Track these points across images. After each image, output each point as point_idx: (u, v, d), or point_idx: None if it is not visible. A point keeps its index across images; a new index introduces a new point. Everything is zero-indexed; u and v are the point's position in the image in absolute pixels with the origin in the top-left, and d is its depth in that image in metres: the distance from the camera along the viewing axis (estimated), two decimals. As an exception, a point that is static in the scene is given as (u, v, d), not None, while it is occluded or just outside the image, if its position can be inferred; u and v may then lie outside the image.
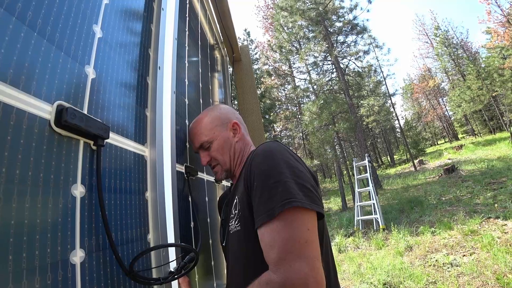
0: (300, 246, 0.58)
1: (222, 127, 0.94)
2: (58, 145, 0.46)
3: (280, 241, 0.59)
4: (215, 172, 0.97)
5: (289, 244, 0.58)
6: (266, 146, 0.74)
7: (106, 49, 0.64)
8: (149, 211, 0.73)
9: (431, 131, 43.02)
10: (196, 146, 0.96)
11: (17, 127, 0.39)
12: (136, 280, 0.58)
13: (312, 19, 14.16)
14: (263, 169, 0.68)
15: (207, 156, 0.95)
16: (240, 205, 0.75)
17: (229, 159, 0.93)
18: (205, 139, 0.93)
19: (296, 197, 0.61)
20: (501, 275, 3.14)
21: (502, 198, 5.88)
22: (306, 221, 0.61)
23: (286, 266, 0.56)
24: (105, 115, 0.61)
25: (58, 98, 0.47)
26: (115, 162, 0.62)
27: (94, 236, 0.52)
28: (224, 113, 0.98)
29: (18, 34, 0.41)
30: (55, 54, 0.48)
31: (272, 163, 0.68)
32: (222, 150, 0.92)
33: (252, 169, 0.71)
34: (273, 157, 0.70)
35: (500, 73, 21.41)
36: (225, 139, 0.93)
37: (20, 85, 0.40)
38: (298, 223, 0.60)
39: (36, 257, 0.40)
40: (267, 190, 0.64)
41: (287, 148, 0.76)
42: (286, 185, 0.63)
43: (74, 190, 0.49)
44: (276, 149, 0.72)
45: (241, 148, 0.96)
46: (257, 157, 0.72)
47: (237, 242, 0.76)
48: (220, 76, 2.27)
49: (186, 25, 1.43)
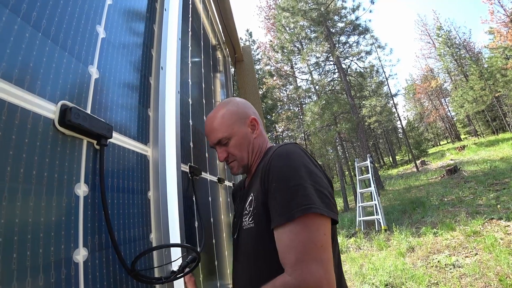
0: (317, 250, 0.60)
1: (241, 123, 0.92)
2: (62, 144, 0.47)
3: (298, 244, 0.61)
4: (231, 167, 0.95)
5: (307, 247, 0.60)
6: (287, 149, 0.75)
7: (109, 49, 0.65)
8: (151, 210, 0.74)
9: (434, 131, 42.86)
10: (213, 141, 0.93)
11: (22, 126, 0.40)
12: (138, 279, 0.58)
13: (314, 19, 14.15)
14: (282, 171, 0.70)
15: (224, 152, 0.92)
16: (255, 203, 0.76)
17: (247, 155, 0.91)
18: (223, 135, 0.90)
19: (315, 204, 0.63)
20: (504, 276, 3.12)
21: (505, 199, 5.84)
22: (323, 227, 0.63)
23: (302, 268, 0.59)
24: (108, 114, 0.61)
25: (62, 98, 0.48)
26: (118, 162, 0.63)
27: (97, 235, 0.52)
28: (242, 108, 0.95)
29: (23, 35, 0.41)
30: (59, 54, 0.48)
31: (291, 166, 0.70)
32: (240, 147, 0.90)
33: (271, 170, 0.72)
34: (293, 160, 0.71)
35: (503, 73, 21.30)
36: (243, 136, 0.91)
37: (25, 85, 0.41)
38: (316, 228, 0.62)
39: (40, 256, 0.40)
40: (286, 192, 0.66)
41: (306, 151, 0.77)
42: (306, 190, 0.65)
43: (78, 189, 0.49)
44: (296, 153, 0.73)
45: (259, 144, 0.94)
46: (277, 159, 0.73)
47: (249, 238, 0.78)
48: (222, 77, 2.27)
49: (189, 26, 1.44)
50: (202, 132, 1.42)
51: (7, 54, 0.38)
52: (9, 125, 0.37)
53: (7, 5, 0.39)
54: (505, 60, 21.00)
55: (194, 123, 1.28)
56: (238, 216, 0.92)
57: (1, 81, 0.37)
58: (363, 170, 13.62)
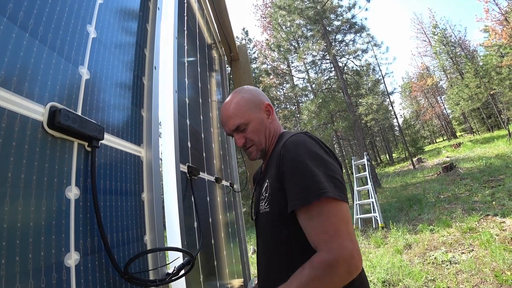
0: (342, 226, 0.68)
1: (256, 108, 0.96)
2: (51, 146, 0.46)
3: (324, 225, 0.68)
4: (249, 152, 0.99)
5: (334, 226, 0.68)
6: (299, 137, 0.80)
7: (100, 49, 0.64)
8: (145, 212, 0.73)
9: (430, 129, 43.11)
10: (230, 128, 0.96)
11: (9, 129, 0.39)
12: (131, 282, 0.58)
13: (310, 18, 14.14)
14: (296, 158, 0.75)
15: (242, 137, 0.96)
16: (271, 189, 0.82)
17: (264, 139, 0.96)
18: (241, 121, 0.93)
19: (328, 189, 0.68)
20: (500, 272, 3.15)
21: (500, 195, 5.89)
22: (340, 206, 0.70)
23: (334, 244, 0.66)
24: (100, 116, 0.60)
25: (51, 100, 0.47)
26: (110, 164, 0.62)
27: (89, 238, 0.52)
28: (256, 95, 0.99)
29: (9, 35, 0.40)
30: (48, 55, 0.47)
31: (305, 153, 0.75)
32: (258, 132, 0.95)
33: (285, 158, 0.77)
34: (305, 147, 0.76)
35: (498, 71, 21.44)
36: (260, 121, 0.95)
37: (11, 86, 0.40)
38: (335, 208, 0.69)
39: (29, 260, 0.39)
40: (301, 178, 0.71)
41: (317, 139, 0.82)
42: (320, 176, 0.70)
43: (68, 192, 0.48)
44: (308, 141, 0.79)
45: (275, 129, 1.00)
46: (290, 146, 0.78)
47: (266, 221, 0.86)
48: (218, 76, 2.26)
49: (184, 25, 1.43)
50: (199, 132, 1.41)
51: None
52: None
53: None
54: (500, 58, 21.13)
55: (191, 123, 1.28)
56: (256, 200, 0.99)
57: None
58: (360, 168, 13.68)
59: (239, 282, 1.80)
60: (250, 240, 9.20)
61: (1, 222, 0.36)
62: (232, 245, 1.82)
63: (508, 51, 19.92)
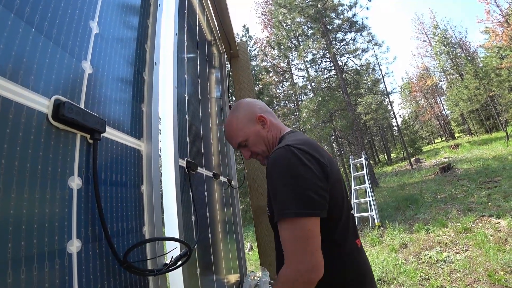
0: (302, 243, 0.73)
1: (251, 123, 1.04)
2: (55, 138, 0.48)
3: (287, 241, 0.75)
4: (259, 160, 1.09)
5: (293, 243, 0.74)
6: (277, 154, 0.83)
7: (102, 44, 0.65)
8: (144, 204, 0.75)
9: (428, 129, 43.21)
10: (235, 146, 1.08)
11: (16, 120, 0.40)
12: (130, 271, 0.60)
13: (311, 16, 14.12)
14: (270, 177, 0.82)
15: (247, 151, 1.06)
16: (268, 196, 0.90)
17: (266, 148, 1.04)
18: (241, 139, 1.03)
19: (289, 208, 0.74)
20: (493, 272, 3.19)
21: (496, 197, 5.94)
22: (301, 224, 0.74)
23: (293, 260, 0.73)
24: (102, 109, 0.62)
25: (56, 93, 0.49)
26: (111, 156, 0.64)
27: (90, 227, 0.54)
28: (248, 110, 1.06)
29: (16, 30, 0.42)
30: (53, 49, 0.49)
31: (278, 172, 0.80)
32: (258, 143, 1.03)
33: (267, 172, 0.84)
34: (280, 166, 0.80)
35: (497, 73, 21.49)
36: (256, 134, 1.03)
37: (18, 79, 0.41)
38: (296, 226, 0.74)
39: (34, 246, 0.41)
40: (274, 196, 0.79)
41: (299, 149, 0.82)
42: (285, 195, 0.76)
43: (71, 182, 0.50)
44: (284, 157, 0.81)
45: (273, 135, 1.05)
46: (270, 163, 0.84)
47: (270, 223, 0.96)
48: (217, 73, 2.27)
49: (185, 21, 1.44)
50: (198, 128, 1.43)
51: (1, 49, 0.39)
52: (3, 120, 0.38)
53: (0, 1, 0.40)
54: (500, 60, 21.18)
55: (190, 119, 1.29)
56: None
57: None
58: (358, 167, 13.71)
59: (236, 278, 1.82)
60: (247, 237, 9.24)
61: (8, 208, 0.38)
62: (229, 241, 1.84)
63: (508, 53, 19.95)
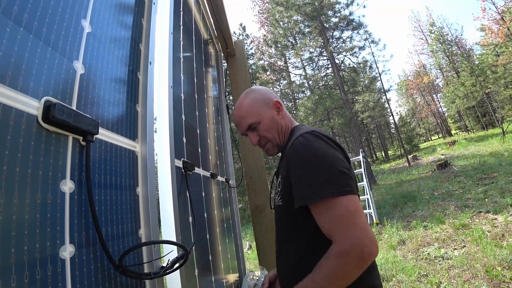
0: (351, 217, 0.71)
1: (266, 107, 1.00)
2: (46, 141, 0.46)
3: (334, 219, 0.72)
4: (266, 149, 1.04)
5: (343, 219, 0.71)
6: (305, 139, 0.82)
7: (95, 44, 0.64)
8: (140, 206, 0.74)
9: (425, 127, 43.43)
10: (244, 128, 1.01)
11: (4, 123, 0.39)
12: (126, 275, 0.59)
13: (307, 14, 14.10)
14: (302, 160, 0.79)
15: (256, 136, 1.01)
16: (282, 184, 0.87)
17: (277, 135, 1.00)
18: (252, 120, 0.98)
19: (332, 188, 0.72)
20: (490, 267, 3.21)
21: (493, 193, 5.97)
22: (346, 201, 0.73)
23: (345, 236, 0.70)
24: (95, 110, 0.61)
25: (46, 94, 0.47)
26: (105, 158, 0.62)
27: (84, 231, 0.52)
28: (264, 94, 1.03)
29: (4, 30, 0.40)
30: (43, 49, 0.47)
31: (310, 155, 0.78)
32: (270, 129, 0.99)
33: (293, 157, 0.81)
34: (311, 149, 0.79)
35: (493, 70, 21.60)
36: (271, 118, 0.99)
37: (6, 81, 0.40)
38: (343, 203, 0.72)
39: (24, 252, 0.40)
40: (308, 178, 0.75)
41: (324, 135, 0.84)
42: (325, 176, 0.74)
43: (63, 186, 0.49)
44: (313, 141, 0.81)
45: (286, 124, 1.03)
46: (297, 147, 0.81)
47: (279, 213, 0.93)
48: (214, 71, 2.26)
49: (180, 20, 1.42)
50: (194, 127, 1.41)
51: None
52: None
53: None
54: (496, 57, 21.28)
55: (186, 118, 1.28)
56: (273, 192, 1.05)
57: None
58: (355, 164, 13.74)
59: (234, 277, 1.81)
60: (245, 236, 9.24)
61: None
62: (228, 241, 1.83)
63: (504, 50, 20.06)
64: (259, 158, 2.26)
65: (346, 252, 0.68)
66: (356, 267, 0.69)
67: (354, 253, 0.68)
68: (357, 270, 0.70)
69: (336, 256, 0.70)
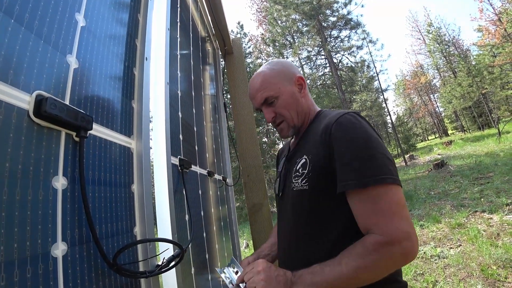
0: (400, 209, 0.65)
1: (287, 81, 0.89)
2: (37, 136, 0.45)
3: (383, 207, 0.65)
4: (280, 129, 0.93)
5: (392, 208, 0.65)
6: (353, 117, 0.75)
7: (89, 38, 0.62)
8: (135, 204, 0.73)
9: (422, 126, 43.64)
10: (258, 101, 0.90)
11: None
12: (120, 273, 0.58)
13: (306, 13, 14.09)
14: (353, 139, 0.71)
15: (271, 112, 0.89)
16: (311, 166, 0.77)
17: (296, 115, 0.89)
18: (269, 94, 0.87)
19: (387, 174, 0.67)
20: (486, 266, 3.23)
21: (489, 192, 6.02)
22: (397, 191, 0.67)
23: (391, 226, 0.63)
24: (89, 106, 0.59)
25: (38, 88, 0.46)
26: (99, 154, 0.61)
27: (77, 229, 0.51)
28: (287, 67, 0.92)
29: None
30: (34, 42, 0.46)
31: (360, 135, 0.71)
32: (288, 106, 0.88)
33: (340, 136, 0.72)
34: (360, 129, 0.72)
35: (490, 70, 21.73)
36: (291, 94, 0.88)
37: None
38: (393, 193, 0.67)
39: (15, 251, 0.39)
40: (359, 160, 0.68)
41: (367, 121, 0.78)
42: (379, 160, 0.68)
43: (55, 182, 0.48)
44: (362, 122, 0.75)
45: (308, 105, 0.92)
46: (346, 125, 0.73)
47: (301, 199, 0.80)
48: (211, 69, 2.24)
49: (177, 16, 1.41)
50: (191, 125, 1.40)
51: (-25, 40, 0.36)
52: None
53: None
54: (493, 58, 21.40)
55: (183, 116, 1.27)
56: (283, 176, 0.93)
57: (-31, 69, 0.35)
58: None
59: (231, 276, 1.81)
60: (242, 234, 9.24)
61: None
62: (225, 239, 1.82)
63: (501, 51, 20.18)
64: (257, 157, 2.25)
65: (390, 244, 0.62)
66: (395, 263, 0.64)
67: (399, 247, 0.62)
68: (395, 266, 0.65)
69: (377, 246, 0.62)
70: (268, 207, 2.17)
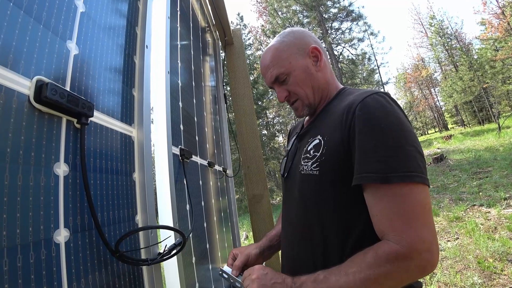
0: (424, 214, 0.56)
1: (300, 54, 0.79)
2: (38, 121, 0.45)
3: (405, 209, 0.57)
4: (295, 108, 0.84)
5: (415, 213, 0.56)
6: (384, 99, 0.65)
7: (89, 24, 0.61)
8: (137, 192, 0.73)
9: (422, 120, 43.61)
10: (270, 80, 0.81)
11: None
12: (122, 261, 0.58)
13: (306, 4, 13.92)
14: (383, 125, 0.61)
15: (284, 91, 0.81)
16: (326, 149, 0.68)
17: (311, 92, 0.79)
18: (280, 71, 0.78)
19: (417, 172, 0.58)
20: (483, 259, 3.27)
21: (487, 187, 6.05)
22: (424, 193, 0.59)
23: (412, 235, 0.54)
24: (90, 93, 0.59)
25: (38, 74, 0.45)
26: (101, 142, 0.61)
27: (79, 216, 0.51)
28: (300, 38, 0.81)
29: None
30: (34, 27, 0.45)
31: (390, 121, 0.61)
32: (302, 83, 0.78)
33: (366, 119, 0.62)
34: (390, 115, 0.62)
35: (491, 65, 21.60)
36: (304, 69, 0.78)
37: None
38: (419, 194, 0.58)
39: (17, 236, 0.39)
40: (385, 149, 0.59)
41: (397, 103, 0.68)
42: (410, 155, 0.59)
43: (57, 169, 0.47)
44: (392, 106, 0.65)
45: (326, 79, 0.81)
46: (374, 108, 0.63)
47: (309, 184, 0.72)
48: (211, 60, 2.23)
49: (177, 5, 1.39)
50: (192, 115, 1.39)
51: (-27, 22, 0.36)
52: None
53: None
54: (495, 52, 21.25)
55: (184, 106, 1.26)
56: (291, 155, 0.86)
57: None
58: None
59: (231, 266, 1.82)
60: (242, 226, 9.31)
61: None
62: (225, 230, 1.84)
63: (503, 45, 20.02)
64: (257, 148, 2.25)
65: (408, 256, 0.54)
66: (410, 277, 0.56)
67: (417, 260, 0.54)
68: (409, 280, 0.57)
69: (391, 257, 0.54)
70: (268, 198, 2.17)
